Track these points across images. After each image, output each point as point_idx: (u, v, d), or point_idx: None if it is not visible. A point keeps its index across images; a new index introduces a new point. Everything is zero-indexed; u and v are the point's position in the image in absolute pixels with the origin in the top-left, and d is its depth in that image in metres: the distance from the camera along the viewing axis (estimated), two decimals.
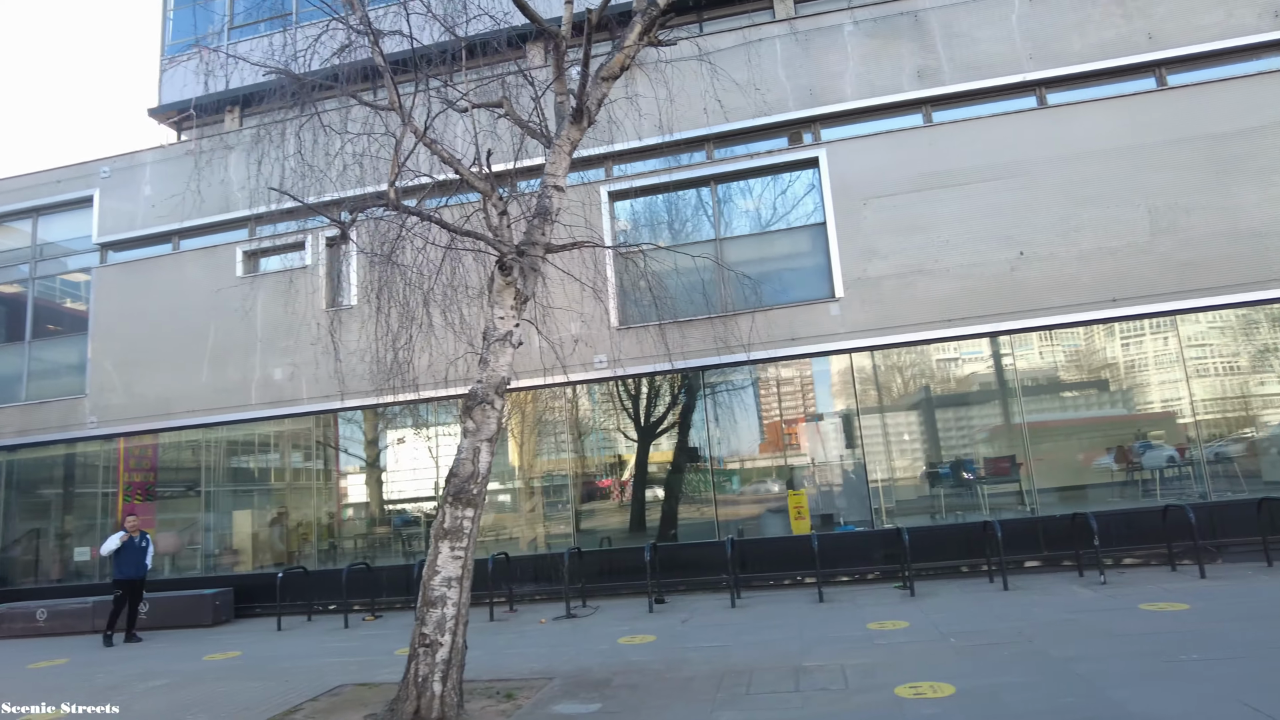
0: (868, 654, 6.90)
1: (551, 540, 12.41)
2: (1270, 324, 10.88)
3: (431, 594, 6.10)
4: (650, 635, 8.55)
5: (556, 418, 12.89)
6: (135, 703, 7.36)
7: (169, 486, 14.47)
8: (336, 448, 14.02)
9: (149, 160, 14.70)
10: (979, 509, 11.25)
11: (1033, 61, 11.41)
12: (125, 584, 11.26)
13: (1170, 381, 11.00)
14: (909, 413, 12.03)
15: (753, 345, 11.25)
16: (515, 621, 10.32)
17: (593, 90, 6.54)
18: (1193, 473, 10.74)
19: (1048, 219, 11.02)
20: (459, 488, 6.11)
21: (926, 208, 11.34)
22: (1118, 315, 10.78)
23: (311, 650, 9.56)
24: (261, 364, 13.46)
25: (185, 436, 14.11)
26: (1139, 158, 10.90)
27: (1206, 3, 11.09)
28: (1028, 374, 11.48)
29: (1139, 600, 8.03)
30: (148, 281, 14.36)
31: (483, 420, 6.16)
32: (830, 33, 12.11)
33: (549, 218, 6.48)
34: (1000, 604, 8.52)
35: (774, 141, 12.22)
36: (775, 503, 11.88)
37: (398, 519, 13.70)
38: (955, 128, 11.52)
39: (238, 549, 13.97)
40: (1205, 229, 10.60)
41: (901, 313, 11.21)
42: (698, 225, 12.55)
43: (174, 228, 14.28)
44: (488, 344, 6.28)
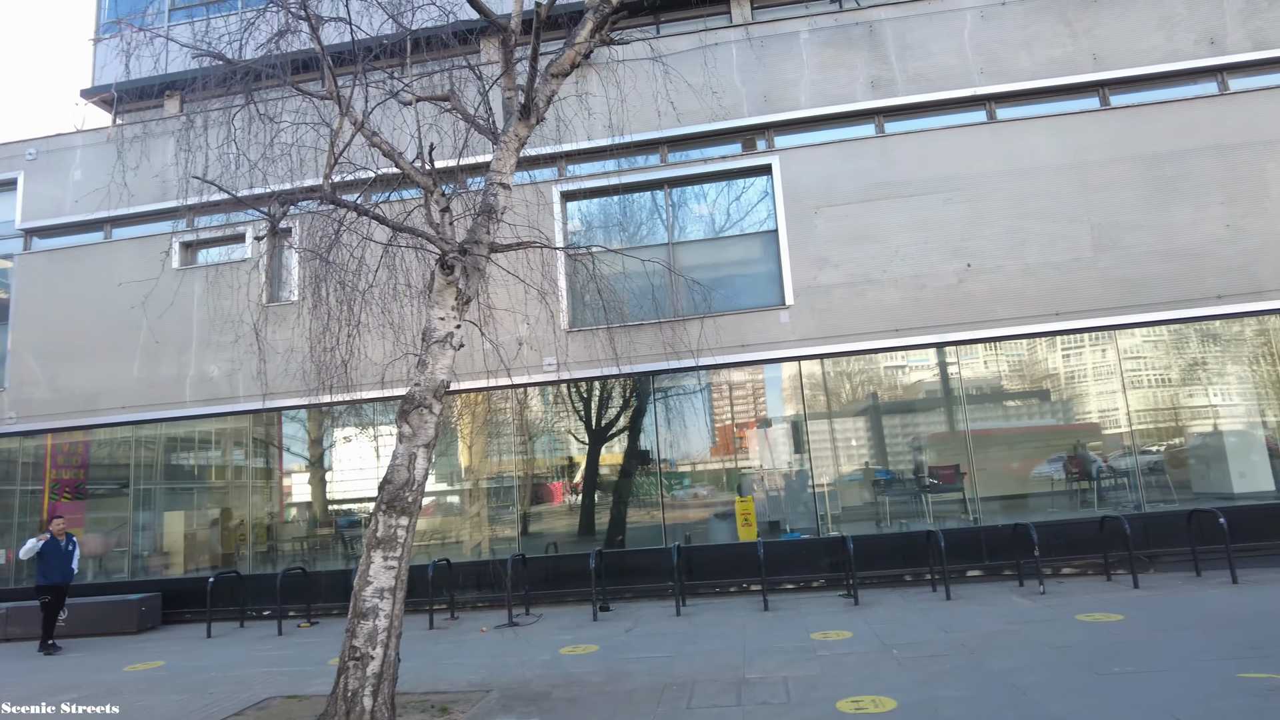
0: (810, 666, 6.85)
1: (497, 544, 12.15)
2: (1200, 339, 11.21)
3: (363, 605, 5.86)
4: (593, 645, 8.39)
5: (505, 419, 12.63)
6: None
7: (101, 484, 13.79)
8: (280, 446, 13.53)
9: (80, 144, 14.02)
10: (923, 516, 11.36)
11: (984, 76, 11.58)
12: (50, 590, 10.67)
13: (1108, 392, 11.26)
14: (856, 420, 12.10)
15: (703, 351, 11.19)
16: (455, 630, 10.06)
17: (541, 87, 6.37)
18: (1128, 483, 11.00)
19: (995, 232, 11.19)
20: (393, 495, 5.87)
21: (877, 218, 11.42)
22: (1061, 329, 10.99)
23: (241, 659, 9.18)
24: (198, 360, 12.93)
25: (116, 434, 13.48)
26: (1083, 175, 11.14)
27: (1148, 27, 11.40)
28: (972, 382, 11.63)
29: (1076, 610, 8.16)
30: (76, 271, 13.68)
31: (420, 425, 5.94)
32: (786, 40, 12.12)
33: (494, 216, 6.28)
34: (943, 614, 8.58)
35: (728, 147, 12.18)
36: (723, 508, 11.83)
37: (342, 520, 13.28)
38: (907, 139, 11.63)
39: (169, 551, 13.38)
40: (1144, 247, 10.88)
41: (851, 322, 11.27)
42: (652, 228, 12.44)
43: (106, 215, 13.62)
44: (427, 345, 6.06)
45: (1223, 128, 11.02)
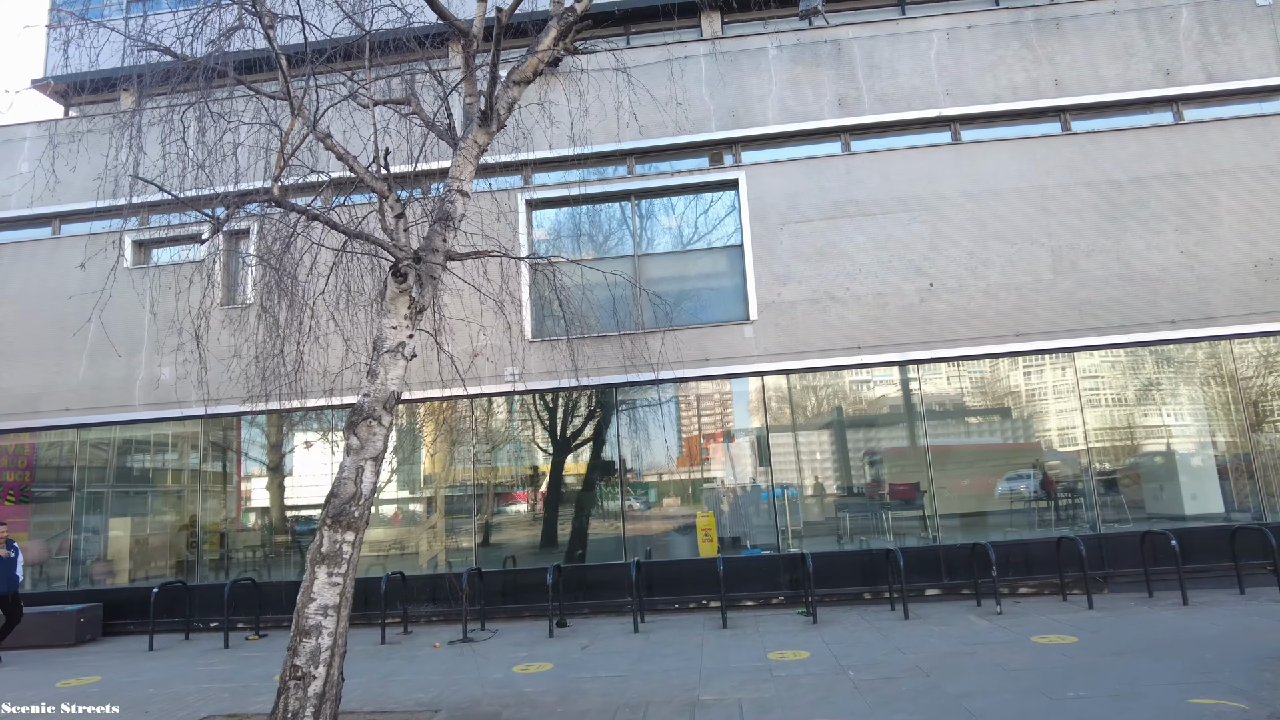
0: (766, 687, 6.75)
1: (455, 555, 11.90)
2: (1155, 361, 11.40)
3: (306, 623, 5.66)
4: (547, 663, 8.21)
5: (467, 427, 12.40)
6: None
7: (48, 487, 13.23)
8: (239, 451, 13.13)
9: (28, 135, 13.55)
10: (883, 533, 11.36)
11: (949, 98, 11.71)
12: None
13: (1067, 410, 11.38)
14: (818, 435, 12.08)
15: (666, 365, 11.11)
16: (408, 644, 9.81)
17: (503, 94, 6.25)
18: (1084, 502, 11.13)
19: (957, 252, 11.28)
20: (339, 509, 5.68)
21: (841, 235, 11.46)
22: (1020, 350, 11.11)
23: (182, 674, 8.83)
24: (148, 362, 12.51)
25: (64, 436, 12.96)
26: (1044, 198, 11.30)
27: (1108, 55, 11.63)
28: (934, 398, 11.68)
29: (1032, 631, 8.18)
30: (19, 266, 13.19)
31: (368, 437, 5.75)
32: (755, 55, 12.15)
33: (451, 223, 6.13)
34: (900, 635, 8.55)
35: (695, 160, 12.15)
36: (684, 521, 11.72)
37: (300, 526, 12.89)
38: (872, 158, 11.70)
39: (114, 559, 12.89)
40: (1102, 271, 11.05)
41: (813, 338, 11.27)
42: (621, 238, 12.35)
43: (54, 210, 13.19)
44: (378, 355, 5.88)
45: (1178, 156, 11.27)
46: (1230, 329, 10.86)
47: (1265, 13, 11.54)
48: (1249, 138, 11.26)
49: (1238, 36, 11.52)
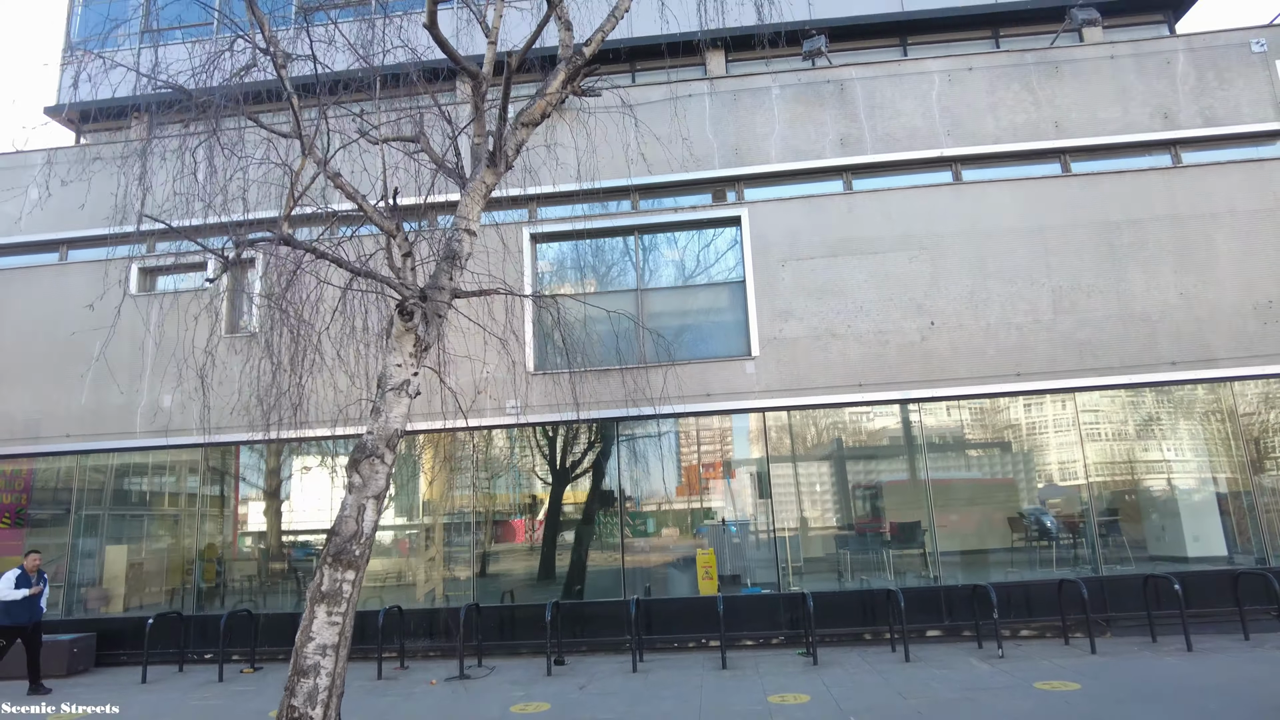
0: None
1: (453, 587, 11.79)
2: (1156, 400, 11.41)
3: (304, 662, 5.59)
4: (544, 703, 8.11)
5: (467, 455, 12.35)
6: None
7: (44, 509, 13.11)
8: (237, 478, 13.07)
9: (39, 161, 13.66)
10: (884, 569, 11.28)
11: (950, 138, 11.85)
12: (13, 631, 10.05)
13: (1067, 444, 11.34)
14: (819, 470, 12.04)
15: (668, 400, 11.11)
16: (405, 680, 9.70)
17: (511, 135, 6.33)
18: (1086, 542, 11.06)
19: (958, 291, 11.34)
20: (340, 548, 5.65)
21: (842, 273, 11.54)
22: (1021, 389, 11.12)
23: (173, 708, 8.73)
24: (150, 389, 12.51)
25: (61, 461, 12.91)
26: (1044, 238, 11.39)
27: (1107, 98, 11.79)
28: (934, 430, 11.63)
29: (1034, 677, 8.10)
30: (26, 291, 13.24)
31: (370, 475, 5.74)
32: (758, 94, 12.31)
33: (458, 262, 6.18)
34: (901, 678, 8.45)
35: (698, 197, 12.27)
36: (684, 554, 11.64)
37: (298, 552, 12.79)
38: (873, 196, 11.81)
39: (108, 585, 12.77)
40: (1102, 311, 11.11)
41: (814, 375, 11.29)
42: (624, 271, 12.42)
43: (63, 236, 13.30)
44: (382, 392, 5.89)
45: (1175, 199, 11.38)
46: (1230, 371, 10.88)
47: (1261, 59, 11.73)
48: (1245, 181, 11.39)
49: (1234, 82, 11.70)
